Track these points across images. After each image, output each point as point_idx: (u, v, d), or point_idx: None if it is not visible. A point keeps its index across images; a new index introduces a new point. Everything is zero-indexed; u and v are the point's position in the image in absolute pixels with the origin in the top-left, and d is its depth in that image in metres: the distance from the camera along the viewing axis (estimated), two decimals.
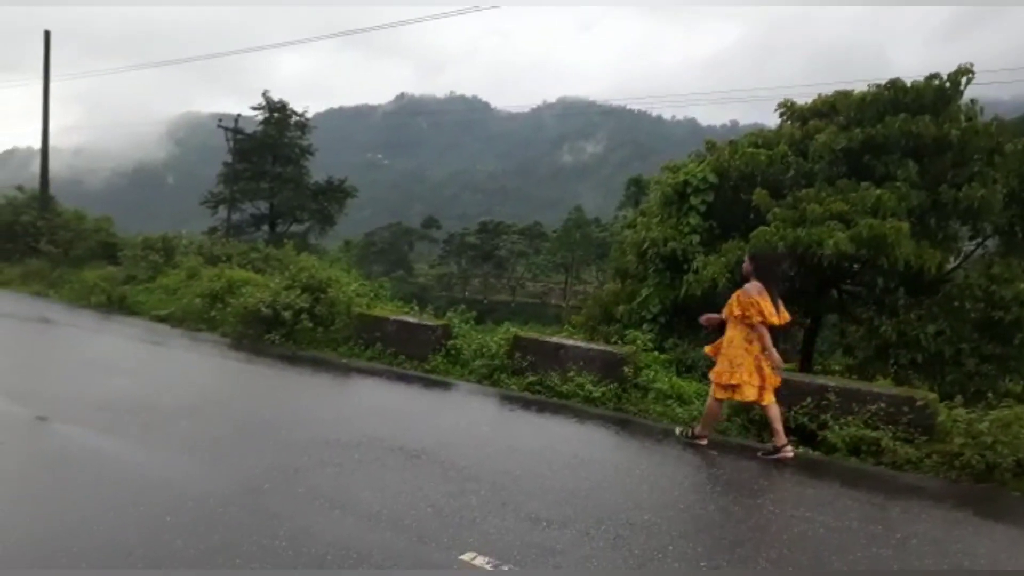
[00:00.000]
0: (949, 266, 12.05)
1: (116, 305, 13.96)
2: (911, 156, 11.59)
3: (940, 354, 10.82)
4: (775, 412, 5.86)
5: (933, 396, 6.44)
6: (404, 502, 4.26)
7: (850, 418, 6.31)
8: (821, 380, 6.96)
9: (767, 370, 5.83)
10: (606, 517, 4.20)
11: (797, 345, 20.04)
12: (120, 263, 16.80)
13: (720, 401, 6.07)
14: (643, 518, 4.21)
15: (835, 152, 12.79)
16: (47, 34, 19.99)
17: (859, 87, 13.94)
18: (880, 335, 11.58)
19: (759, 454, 5.89)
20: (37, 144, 21.59)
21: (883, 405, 6.22)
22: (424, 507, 4.20)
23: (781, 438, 5.80)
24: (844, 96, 13.92)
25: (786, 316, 5.99)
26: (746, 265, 6.16)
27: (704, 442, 6.09)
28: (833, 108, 13.89)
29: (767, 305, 5.78)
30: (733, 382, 5.81)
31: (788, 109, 15.07)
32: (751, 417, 6.74)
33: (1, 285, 17.63)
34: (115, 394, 6.90)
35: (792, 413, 6.48)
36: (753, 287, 5.88)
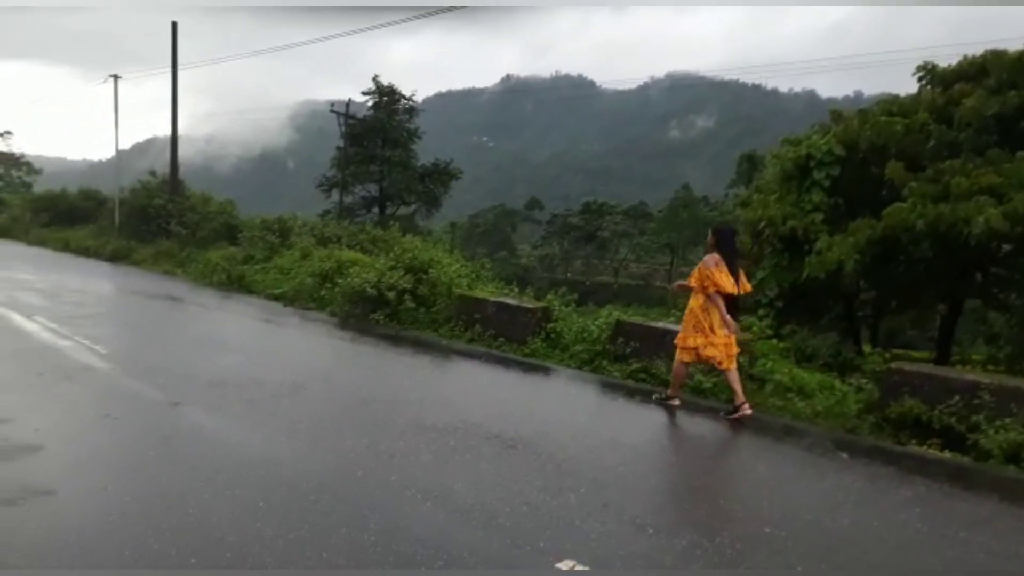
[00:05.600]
0: None
1: (235, 284, 14.66)
2: None
3: None
4: (734, 376, 6.19)
5: None
6: (499, 497, 4.01)
7: (1008, 420, 5.47)
8: (972, 376, 6.12)
9: (719, 333, 6.14)
10: (720, 527, 3.76)
11: (931, 332, 18.33)
12: (240, 244, 17.66)
13: (685, 363, 6.34)
14: (764, 531, 3.74)
15: (985, 119, 11.41)
16: (174, 25, 21.20)
17: (1010, 47, 12.36)
18: None
19: (721, 414, 6.18)
20: None
21: None
22: (519, 504, 3.93)
23: (740, 397, 6.13)
24: (996, 56, 12.39)
25: (746, 287, 6.41)
26: (710, 238, 6.48)
27: (676, 403, 6.37)
28: (982, 70, 12.39)
29: (722, 277, 6.09)
30: (690, 344, 6.22)
31: (928, 73, 13.61)
32: (885, 415, 6.03)
33: (135, 264, 19.03)
34: (226, 371, 7.11)
35: (937, 412, 5.73)
36: (711, 259, 6.19)
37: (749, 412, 6.07)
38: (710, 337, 6.13)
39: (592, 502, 4.02)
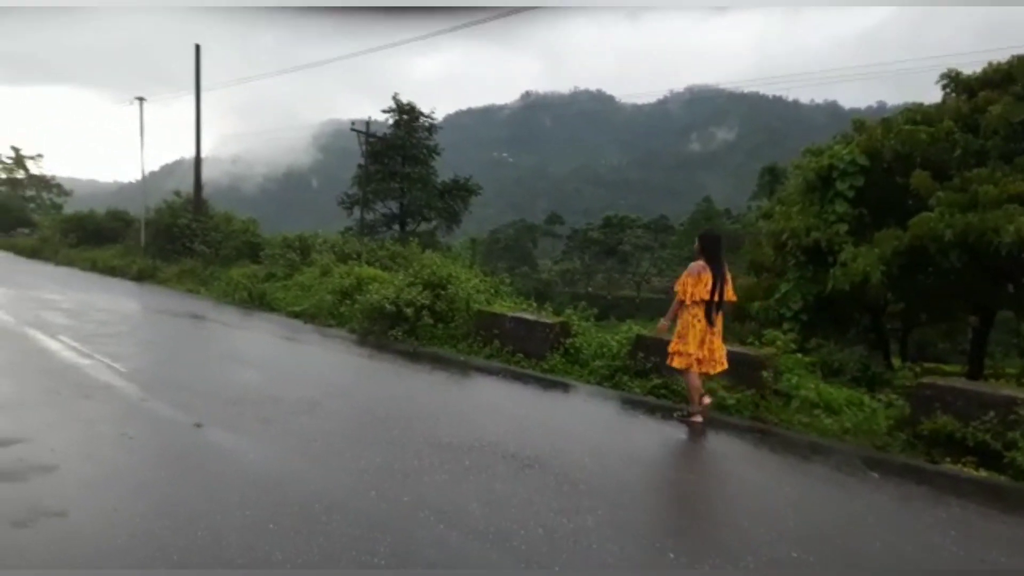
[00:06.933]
0: None
1: (256, 301, 14.74)
2: None
3: None
4: (696, 382, 6.26)
5: None
6: (513, 519, 3.90)
7: None
8: (1007, 391, 5.88)
9: (715, 347, 6.22)
10: (745, 550, 3.61)
11: (962, 345, 17.89)
12: (262, 262, 17.81)
13: (688, 371, 6.25)
14: (791, 555, 3.58)
15: (1012, 126, 11.16)
16: (198, 48, 21.59)
17: None
18: None
19: (675, 415, 6.45)
20: (202, 153, 23.24)
21: None
22: (535, 526, 3.81)
23: (696, 406, 6.23)
24: (1022, 62, 12.14)
25: (729, 295, 6.31)
26: (696, 245, 6.53)
27: (698, 419, 6.21)
28: (1008, 76, 12.16)
29: (697, 284, 6.17)
30: (670, 350, 6.37)
31: (952, 80, 13.39)
32: (917, 432, 5.82)
33: (160, 283, 19.26)
34: (243, 389, 7.09)
35: (971, 429, 5.51)
36: (695, 266, 6.27)
37: (699, 420, 6.22)
38: (678, 344, 6.29)
39: (610, 524, 3.89)
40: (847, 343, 12.75)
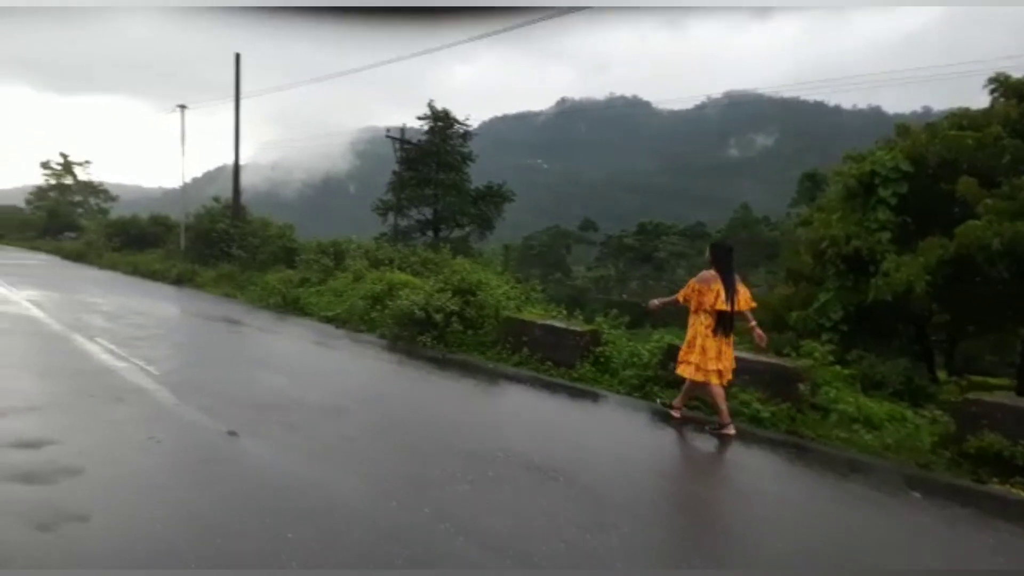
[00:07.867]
0: None
1: (290, 306, 14.90)
2: None
3: None
4: (721, 393, 6.18)
5: None
6: (535, 533, 3.80)
7: None
8: None
9: (726, 356, 6.18)
10: (778, 573, 3.45)
11: (1011, 358, 17.19)
12: (297, 267, 18.02)
13: (709, 384, 6.20)
14: None
15: None
16: (237, 57, 22.03)
17: None
18: None
19: (707, 428, 6.25)
20: (241, 159, 23.75)
21: None
22: (557, 542, 3.70)
23: (725, 417, 6.12)
24: None
25: (741, 304, 6.21)
26: (708, 255, 6.53)
27: (731, 431, 6.05)
28: None
29: (702, 291, 6.20)
30: (679, 358, 6.42)
31: (1001, 84, 12.92)
32: (962, 450, 5.55)
33: (198, 287, 19.64)
34: (271, 393, 7.13)
35: (1020, 448, 5.24)
36: (706, 274, 6.28)
37: (732, 432, 6.09)
38: (687, 353, 6.29)
39: (635, 541, 3.76)
40: (890, 355, 12.32)
